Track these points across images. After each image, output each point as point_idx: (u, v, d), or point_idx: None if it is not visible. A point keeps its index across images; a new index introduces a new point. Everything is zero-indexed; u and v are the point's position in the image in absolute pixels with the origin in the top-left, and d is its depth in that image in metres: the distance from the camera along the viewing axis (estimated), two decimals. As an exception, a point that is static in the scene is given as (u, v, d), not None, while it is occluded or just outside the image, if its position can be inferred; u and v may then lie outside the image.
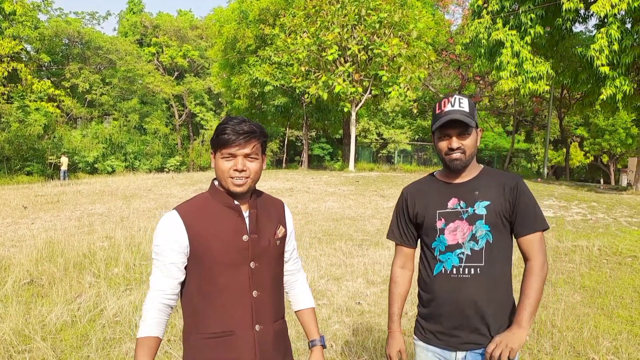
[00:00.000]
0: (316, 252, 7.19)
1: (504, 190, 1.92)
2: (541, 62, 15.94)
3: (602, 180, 35.63)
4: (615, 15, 13.60)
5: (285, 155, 37.44)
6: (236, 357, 1.69)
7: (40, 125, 31.56)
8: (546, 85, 16.25)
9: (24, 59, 34.09)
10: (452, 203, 1.95)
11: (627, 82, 13.74)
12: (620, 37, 13.52)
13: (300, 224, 9.34)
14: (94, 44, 37.84)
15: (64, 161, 25.55)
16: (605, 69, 13.84)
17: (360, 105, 22.84)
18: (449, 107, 1.90)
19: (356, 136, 26.17)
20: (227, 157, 1.69)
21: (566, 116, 28.65)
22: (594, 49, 13.88)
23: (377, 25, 20.68)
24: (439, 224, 1.96)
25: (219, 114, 43.50)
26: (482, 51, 16.95)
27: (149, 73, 39.42)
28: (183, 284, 1.75)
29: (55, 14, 41.83)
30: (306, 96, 22.83)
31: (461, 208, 1.93)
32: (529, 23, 15.69)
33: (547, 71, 15.87)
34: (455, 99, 1.91)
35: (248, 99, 27.51)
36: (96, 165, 34.50)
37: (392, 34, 21.02)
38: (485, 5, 16.87)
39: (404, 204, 2.10)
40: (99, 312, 4.66)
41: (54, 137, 32.97)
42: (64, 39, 37.35)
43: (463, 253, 1.91)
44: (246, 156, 1.69)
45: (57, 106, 34.27)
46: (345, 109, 22.55)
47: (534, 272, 1.89)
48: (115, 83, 38.21)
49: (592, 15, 15.76)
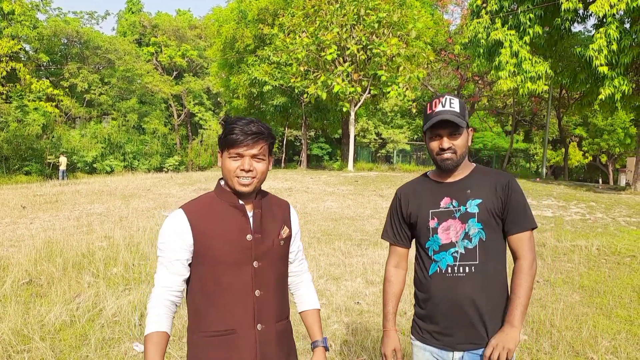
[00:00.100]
0: (315, 252, 7.19)
1: (495, 189, 1.94)
2: (540, 62, 15.95)
3: (600, 180, 35.67)
4: (614, 15, 13.60)
5: (284, 155, 37.42)
6: (238, 355, 1.70)
7: (39, 125, 31.52)
8: (545, 85, 16.26)
9: (22, 59, 34.08)
10: (445, 202, 1.97)
11: (625, 82, 13.76)
12: (619, 37, 13.53)
13: (299, 224, 9.33)
14: (92, 43, 37.82)
15: (63, 161, 25.52)
16: (604, 69, 13.85)
17: (359, 105, 22.85)
18: (439, 108, 1.91)
19: (355, 136, 26.18)
20: (235, 156, 1.70)
21: (565, 116, 28.69)
22: (592, 48, 13.89)
23: (376, 25, 20.69)
24: (432, 223, 1.97)
25: (217, 114, 43.50)
26: (481, 51, 16.96)
27: (148, 73, 39.41)
28: (187, 283, 1.76)
29: (54, 13, 41.94)
30: (305, 96, 22.83)
31: (453, 207, 1.95)
32: (528, 23, 15.70)
33: (546, 71, 15.88)
34: (446, 99, 1.92)
35: (247, 99, 27.51)
36: (95, 165, 34.48)
37: (391, 34, 21.04)
38: (484, 5, 16.88)
39: (397, 204, 2.12)
40: (97, 312, 4.65)
41: (53, 137, 32.94)
42: (62, 38, 37.33)
43: (457, 252, 1.92)
44: (253, 157, 1.70)
45: (56, 106, 34.25)
46: (344, 109, 22.56)
47: (523, 270, 1.90)
48: (114, 83, 38.19)
49: (590, 15, 15.78)
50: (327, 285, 5.68)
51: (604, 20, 14.12)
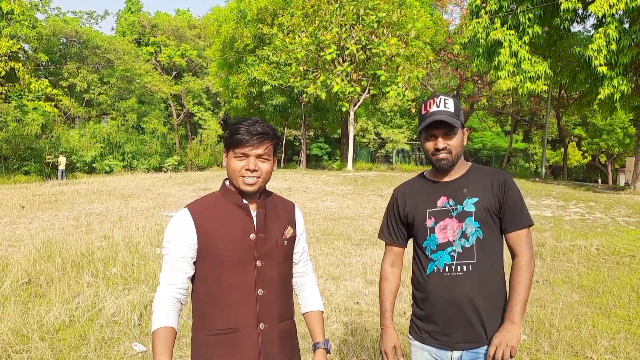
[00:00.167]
0: (314, 251, 7.19)
1: (492, 187, 1.95)
2: (539, 61, 15.97)
3: (599, 180, 35.70)
4: (613, 15, 13.62)
5: (283, 155, 37.43)
6: (240, 354, 1.71)
7: (38, 125, 31.48)
8: (544, 85, 16.28)
9: (21, 58, 34.01)
10: (442, 201, 1.98)
11: (624, 81, 13.78)
12: (618, 37, 13.54)
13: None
14: (91, 43, 37.78)
15: (62, 161, 25.50)
16: (603, 69, 13.87)
17: (358, 104, 22.85)
18: (434, 108, 1.92)
19: (354, 136, 26.19)
20: (240, 156, 1.72)
21: (564, 116, 28.71)
22: (592, 48, 13.91)
23: (376, 25, 20.69)
24: (429, 222, 1.97)
25: (217, 114, 43.49)
26: (480, 51, 16.97)
27: (147, 72, 39.37)
28: (191, 282, 1.78)
29: (53, 13, 41.74)
30: (304, 96, 22.83)
31: (450, 206, 1.95)
32: (527, 23, 15.72)
33: (545, 71, 15.90)
34: (441, 99, 1.93)
35: (246, 99, 27.50)
36: (94, 165, 34.44)
37: (390, 34, 21.04)
38: (484, 5, 16.89)
39: (394, 204, 2.13)
40: (97, 312, 4.65)
41: (52, 137, 32.90)
42: (61, 38, 37.29)
43: (454, 251, 1.92)
44: (258, 157, 1.72)
45: (55, 105, 34.20)
46: (344, 109, 22.56)
47: (522, 267, 1.91)
48: (113, 82, 38.16)
49: (590, 15, 15.79)
50: (326, 285, 5.68)
51: (603, 20, 14.14)
